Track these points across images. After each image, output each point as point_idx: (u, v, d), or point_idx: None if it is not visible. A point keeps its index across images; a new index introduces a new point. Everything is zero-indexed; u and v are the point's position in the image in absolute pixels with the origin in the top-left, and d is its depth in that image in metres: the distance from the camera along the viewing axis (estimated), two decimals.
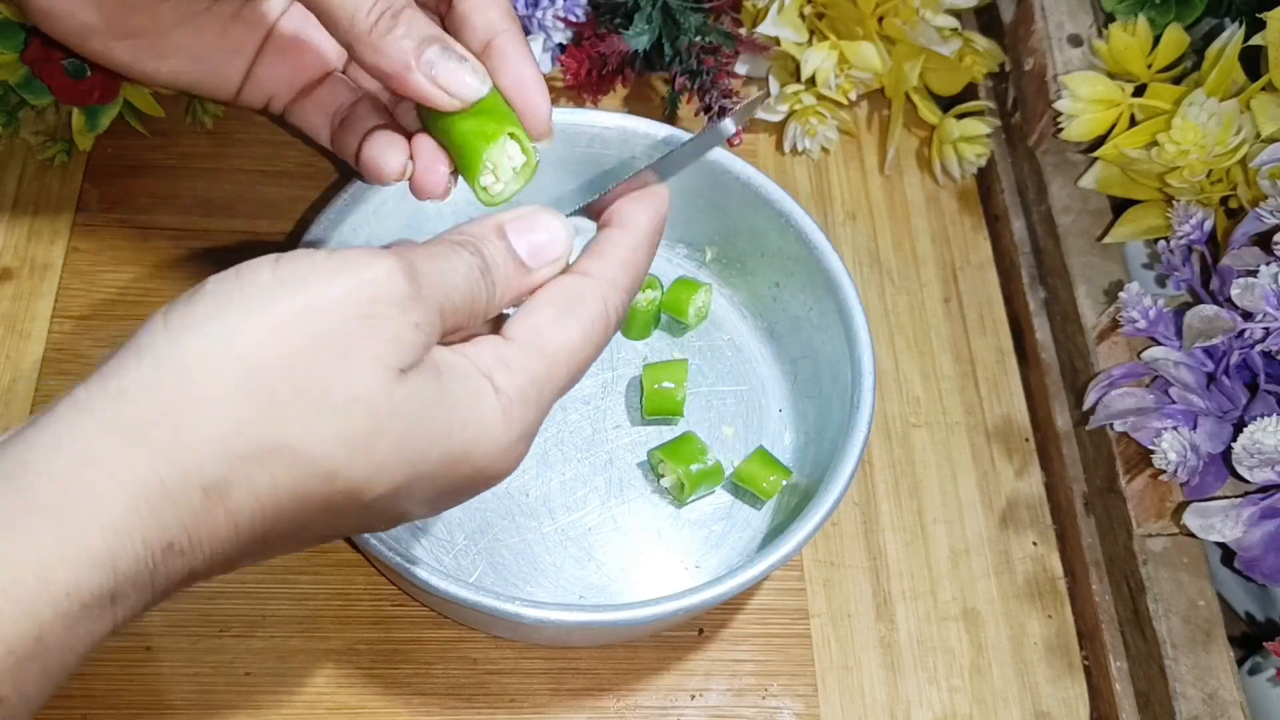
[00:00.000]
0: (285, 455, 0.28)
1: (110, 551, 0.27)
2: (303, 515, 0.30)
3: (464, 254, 0.33)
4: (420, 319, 0.31)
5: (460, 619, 0.51)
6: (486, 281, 0.33)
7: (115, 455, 0.27)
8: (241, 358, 0.28)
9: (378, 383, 0.29)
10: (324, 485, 0.29)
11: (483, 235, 0.34)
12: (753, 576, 0.45)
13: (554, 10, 0.62)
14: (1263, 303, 0.48)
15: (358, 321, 0.29)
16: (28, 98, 0.58)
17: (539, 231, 0.35)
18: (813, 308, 0.55)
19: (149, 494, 0.27)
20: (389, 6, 0.36)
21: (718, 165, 0.55)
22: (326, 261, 0.30)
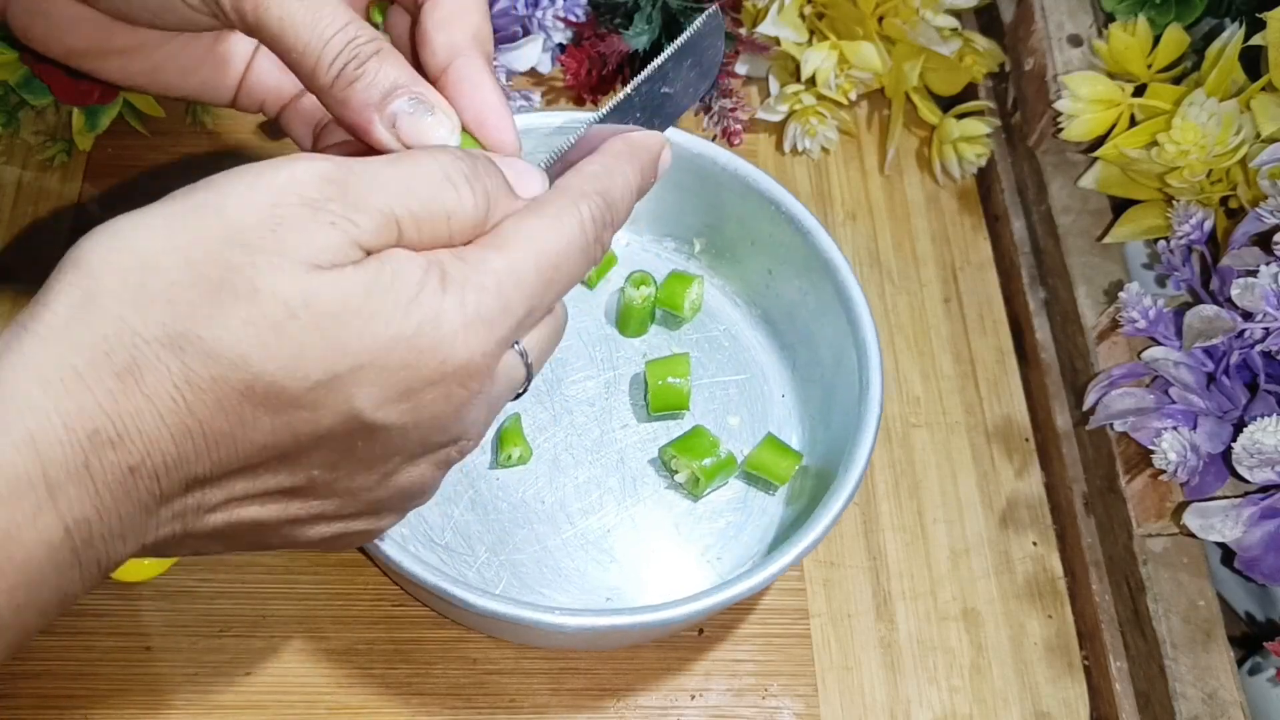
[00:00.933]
0: (192, 341, 0.28)
1: (26, 429, 0.27)
2: (232, 405, 0.29)
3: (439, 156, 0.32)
4: (337, 218, 0.30)
5: (489, 630, 0.51)
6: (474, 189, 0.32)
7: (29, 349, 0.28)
8: (139, 252, 0.29)
9: (283, 272, 0.29)
10: (239, 371, 0.29)
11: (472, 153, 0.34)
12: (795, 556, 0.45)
13: (554, 10, 0.62)
14: (1263, 303, 0.48)
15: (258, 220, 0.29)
16: (28, 98, 0.58)
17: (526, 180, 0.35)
18: (809, 292, 0.55)
19: (60, 375, 0.28)
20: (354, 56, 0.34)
21: (703, 156, 0.55)
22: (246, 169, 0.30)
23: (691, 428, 0.55)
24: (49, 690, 0.49)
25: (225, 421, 0.29)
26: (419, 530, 0.52)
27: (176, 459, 0.29)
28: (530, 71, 0.64)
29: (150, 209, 0.30)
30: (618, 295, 0.58)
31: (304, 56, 0.34)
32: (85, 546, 0.28)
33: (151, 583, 0.51)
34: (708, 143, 0.55)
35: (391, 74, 0.35)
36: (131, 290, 0.28)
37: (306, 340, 0.29)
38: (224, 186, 0.30)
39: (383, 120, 0.35)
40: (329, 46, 0.34)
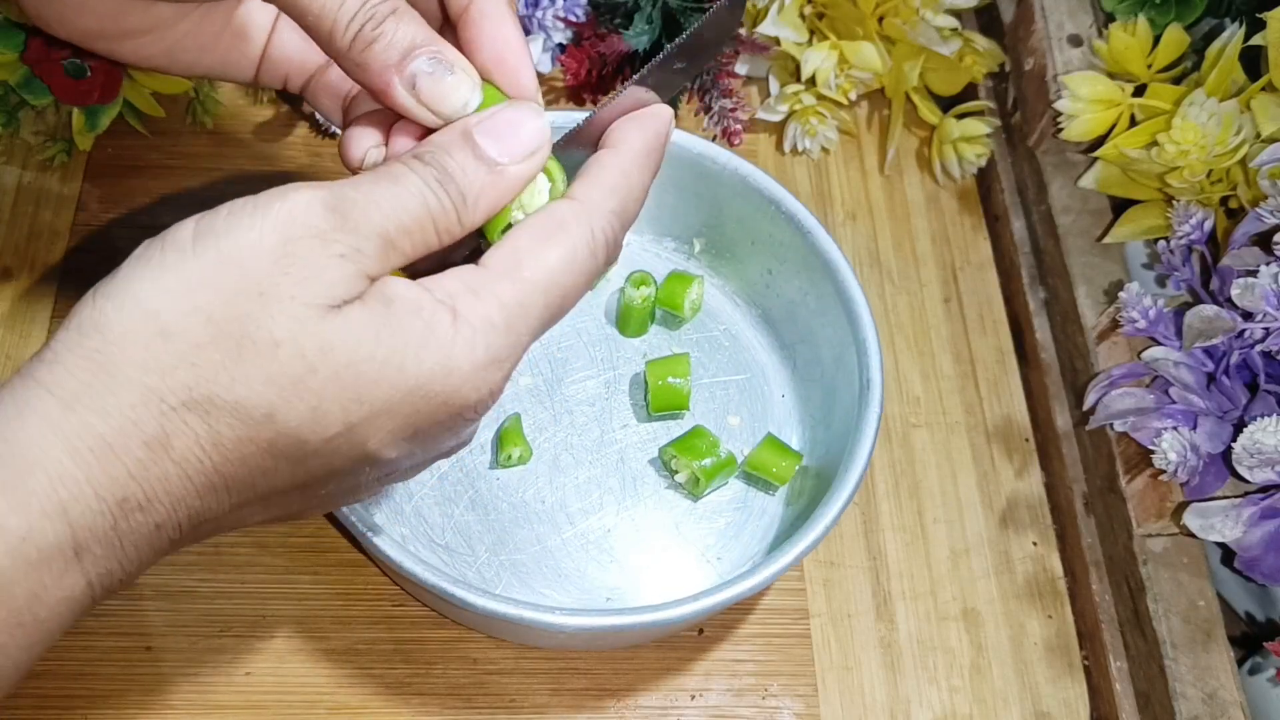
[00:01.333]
0: (217, 404, 0.29)
1: (59, 499, 0.27)
2: (256, 460, 0.30)
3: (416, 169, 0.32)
4: (345, 249, 0.30)
5: (489, 630, 0.51)
6: (448, 192, 0.32)
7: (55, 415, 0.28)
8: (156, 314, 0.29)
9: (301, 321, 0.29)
10: (265, 428, 0.29)
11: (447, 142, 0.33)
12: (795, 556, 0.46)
13: (554, 10, 0.62)
14: (1263, 303, 0.48)
15: (272, 263, 0.29)
16: (28, 98, 0.58)
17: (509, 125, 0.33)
18: (809, 292, 0.55)
19: (91, 446, 0.28)
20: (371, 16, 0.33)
21: (703, 156, 0.55)
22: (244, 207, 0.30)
23: (691, 428, 0.55)
24: (49, 690, 0.49)
25: (247, 473, 0.30)
26: (419, 530, 0.52)
27: (200, 510, 0.30)
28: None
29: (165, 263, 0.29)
30: (618, 295, 0.58)
31: (320, 19, 0.34)
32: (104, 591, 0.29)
33: (152, 583, 0.51)
34: (708, 143, 0.55)
35: (409, 33, 0.34)
36: (155, 357, 0.29)
37: (325, 394, 0.30)
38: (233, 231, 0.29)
39: (403, 81, 0.34)
40: (345, 7, 0.33)
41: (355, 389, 0.30)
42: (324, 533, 0.53)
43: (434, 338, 0.31)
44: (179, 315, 0.29)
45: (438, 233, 0.32)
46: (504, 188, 0.33)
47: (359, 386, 0.30)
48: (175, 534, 0.30)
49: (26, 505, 0.27)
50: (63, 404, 0.28)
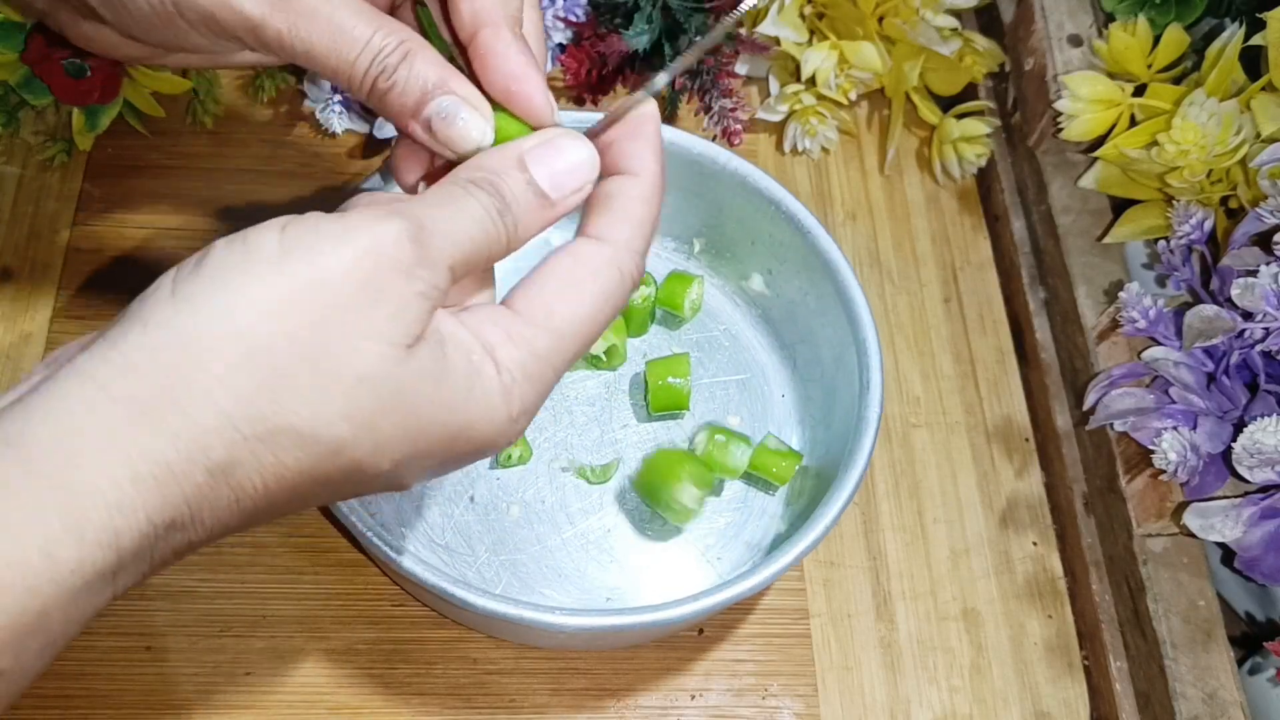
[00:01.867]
0: (291, 435, 0.28)
1: (114, 529, 0.26)
2: (305, 488, 0.30)
3: (478, 197, 0.32)
4: (425, 286, 0.30)
5: (490, 630, 0.51)
6: (505, 223, 0.33)
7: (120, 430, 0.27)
8: (244, 334, 0.28)
9: (384, 359, 0.29)
10: (328, 462, 0.29)
11: (502, 169, 0.33)
12: (795, 556, 0.46)
13: (554, 10, 0.62)
14: (1263, 303, 0.48)
15: (362, 293, 0.29)
16: (28, 98, 0.58)
17: (562, 158, 0.34)
18: (809, 292, 0.55)
19: (154, 471, 0.27)
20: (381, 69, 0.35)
21: (703, 156, 0.55)
22: (332, 227, 0.29)
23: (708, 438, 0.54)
24: (49, 690, 0.49)
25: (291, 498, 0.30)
26: (419, 530, 0.52)
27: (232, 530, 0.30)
28: None
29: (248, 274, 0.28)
30: None
31: (337, 73, 0.35)
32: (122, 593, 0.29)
33: (152, 583, 0.51)
34: (708, 143, 0.55)
35: (421, 76, 0.35)
36: (236, 378, 0.28)
37: (391, 434, 0.30)
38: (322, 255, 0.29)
39: (419, 125, 0.35)
40: (356, 66, 0.35)
41: (414, 430, 0.30)
42: (324, 533, 0.53)
43: (480, 388, 0.31)
44: (267, 335, 0.28)
45: (488, 258, 0.33)
46: (547, 220, 0.34)
47: (417, 428, 0.30)
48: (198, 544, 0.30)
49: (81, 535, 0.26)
50: (130, 418, 0.27)
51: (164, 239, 0.59)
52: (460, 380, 0.31)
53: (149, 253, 0.59)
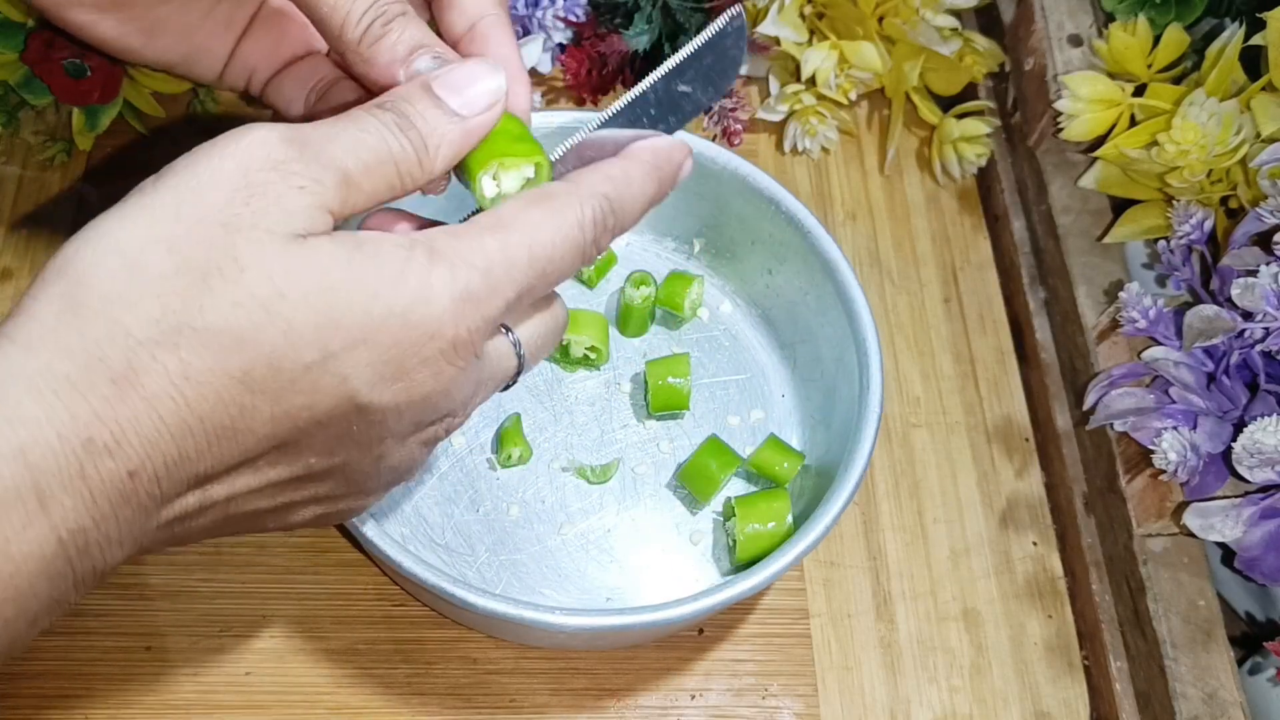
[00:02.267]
0: (185, 334, 0.28)
1: (15, 441, 0.26)
2: (231, 394, 0.29)
3: (376, 114, 0.33)
4: (307, 180, 0.30)
5: (490, 630, 0.51)
6: (409, 137, 0.32)
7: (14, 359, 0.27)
8: (120, 249, 0.29)
9: (264, 246, 0.29)
10: (236, 355, 0.29)
11: (405, 92, 0.34)
12: (796, 556, 0.46)
13: (554, 10, 0.62)
14: (1263, 303, 0.48)
15: (232, 192, 0.29)
16: (28, 98, 0.58)
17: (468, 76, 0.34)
18: (809, 291, 0.55)
19: (54, 386, 0.27)
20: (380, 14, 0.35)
21: (703, 156, 0.55)
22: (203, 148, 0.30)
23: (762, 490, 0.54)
24: (49, 690, 0.49)
25: (225, 414, 0.29)
26: (419, 530, 0.52)
27: (178, 459, 0.29)
28: (530, 71, 0.64)
29: (127, 203, 0.30)
30: (618, 295, 0.58)
31: (334, 12, 0.35)
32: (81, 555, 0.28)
33: (152, 583, 0.51)
34: (708, 143, 0.55)
35: (415, 33, 0.36)
36: (121, 289, 0.28)
37: (297, 317, 0.29)
38: (194, 167, 0.30)
39: (407, 75, 0.35)
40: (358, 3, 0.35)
41: (328, 313, 0.29)
42: (324, 533, 0.53)
43: (410, 268, 0.31)
44: (143, 247, 0.29)
45: (400, 175, 0.32)
46: (464, 136, 0.34)
47: (332, 311, 0.30)
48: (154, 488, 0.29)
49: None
50: (25, 348, 0.27)
51: None
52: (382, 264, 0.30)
53: None
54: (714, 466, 0.53)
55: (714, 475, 0.53)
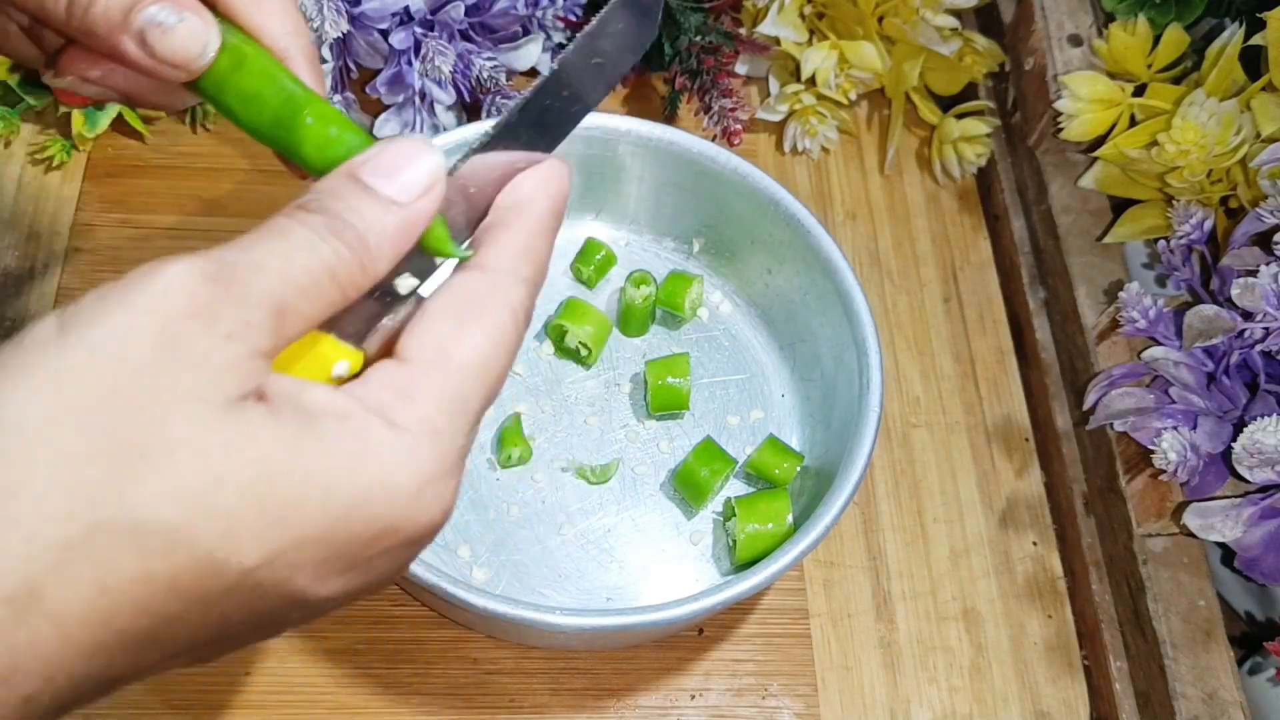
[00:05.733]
0: (105, 535, 0.23)
1: None
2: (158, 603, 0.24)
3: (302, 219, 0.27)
4: (234, 326, 0.25)
5: (490, 630, 0.51)
6: (346, 239, 0.27)
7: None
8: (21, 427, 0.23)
9: (199, 420, 0.24)
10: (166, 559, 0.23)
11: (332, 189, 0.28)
12: (796, 556, 0.45)
13: (554, 10, 0.62)
14: (1263, 303, 0.48)
15: (155, 351, 0.24)
16: (28, 98, 0.58)
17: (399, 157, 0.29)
18: (808, 291, 0.55)
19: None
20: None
21: (703, 155, 0.55)
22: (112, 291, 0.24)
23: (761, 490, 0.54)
24: None
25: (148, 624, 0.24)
26: None
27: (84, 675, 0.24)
28: (530, 71, 0.64)
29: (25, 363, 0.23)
30: (618, 295, 0.58)
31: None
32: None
33: None
34: (708, 143, 0.55)
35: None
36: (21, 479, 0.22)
37: (237, 513, 0.24)
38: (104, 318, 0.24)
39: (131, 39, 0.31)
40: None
41: (274, 508, 0.24)
42: None
43: (369, 450, 0.26)
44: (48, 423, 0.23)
45: (340, 286, 0.27)
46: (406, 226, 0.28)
47: (278, 505, 0.24)
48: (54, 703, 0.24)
49: None
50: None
51: (164, 239, 0.59)
52: (337, 444, 0.25)
53: (149, 253, 0.59)
54: (705, 474, 0.52)
55: (705, 483, 0.53)
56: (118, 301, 0.24)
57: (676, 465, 0.54)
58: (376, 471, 0.26)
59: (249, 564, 0.24)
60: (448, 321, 0.28)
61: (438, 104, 0.60)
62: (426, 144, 0.29)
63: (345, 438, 0.26)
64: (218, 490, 0.24)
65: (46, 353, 0.23)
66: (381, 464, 0.26)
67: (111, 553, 0.23)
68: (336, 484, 0.25)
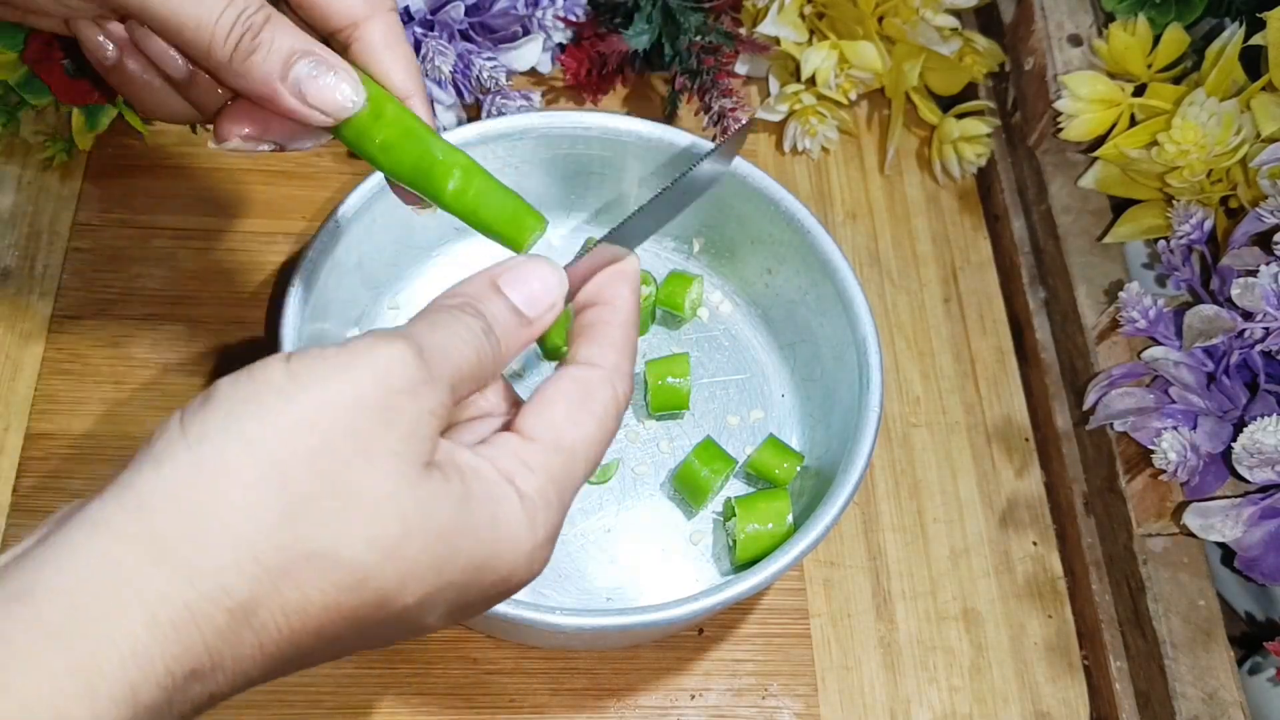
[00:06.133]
0: (315, 564, 0.27)
1: (130, 683, 0.24)
2: (330, 629, 0.28)
3: (465, 318, 0.32)
4: (435, 404, 0.29)
5: (490, 630, 0.51)
6: (490, 341, 0.32)
7: (134, 574, 0.25)
8: (261, 461, 0.26)
9: (403, 480, 0.28)
10: (353, 594, 0.27)
11: (479, 295, 0.33)
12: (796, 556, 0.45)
13: (554, 10, 0.62)
14: (1263, 303, 0.48)
15: (375, 414, 0.28)
16: (28, 98, 0.58)
17: (533, 281, 0.34)
18: (809, 291, 0.55)
19: (172, 615, 0.25)
20: (247, 28, 0.34)
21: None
22: (337, 356, 0.29)
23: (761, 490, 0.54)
24: None
25: (316, 644, 0.28)
26: None
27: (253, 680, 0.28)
28: (530, 71, 0.64)
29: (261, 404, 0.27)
30: None
31: (197, 35, 0.34)
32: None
33: None
34: (708, 143, 0.55)
35: (287, 40, 0.35)
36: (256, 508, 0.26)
37: (416, 564, 0.28)
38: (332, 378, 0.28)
39: (287, 88, 0.35)
40: (221, 21, 0.34)
41: (439, 561, 0.29)
42: None
43: (504, 516, 0.30)
44: (283, 462, 0.26)
45: (480, 379, 0.32)
46: (527, 338, 0.34)
47: (442, 559, 0.29)
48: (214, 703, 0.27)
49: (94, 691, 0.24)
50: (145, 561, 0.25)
51: (164, 239, 0.59)
52: (484, 508, 0.30)
53: (149, 252, 0.59)
54: (705, 474, 0.52)
55: (705, 483, 0.53)
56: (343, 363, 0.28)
57: (676, 465, 0.54)
58: (507, 532, 0.30)
59: (407, 604, 0.29)
60: (563, 408, 0.33)
61: (438, 104, 0.60)
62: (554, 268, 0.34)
63: (486, 499, 0.30)
64: (406, 543, 0.28)
65: (279, 399, 0.27)
66: (510, 526, 0.30)
67: (314, 583, 0.27)
68: (480, 539, 0.30)
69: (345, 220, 0.51)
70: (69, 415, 0.54)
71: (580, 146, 0.56)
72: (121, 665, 0.24)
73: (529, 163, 0.56)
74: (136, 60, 0.38)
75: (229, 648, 0.26)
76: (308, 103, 0.35)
